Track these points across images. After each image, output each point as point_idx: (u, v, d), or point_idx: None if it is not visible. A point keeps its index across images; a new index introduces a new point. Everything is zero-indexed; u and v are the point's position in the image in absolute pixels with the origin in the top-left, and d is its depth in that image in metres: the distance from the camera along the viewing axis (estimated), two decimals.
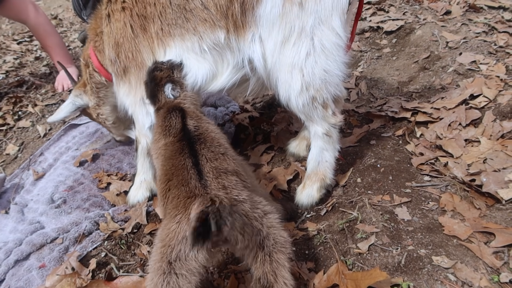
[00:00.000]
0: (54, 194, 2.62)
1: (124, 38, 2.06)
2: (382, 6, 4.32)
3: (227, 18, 1.86)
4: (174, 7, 1.91)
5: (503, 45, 3.11)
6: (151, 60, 2.05)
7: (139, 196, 2.43)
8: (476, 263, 1.67)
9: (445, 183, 2.13)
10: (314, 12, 1.76)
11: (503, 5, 3.68)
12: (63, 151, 3.18)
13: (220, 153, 1.57)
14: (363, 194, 2.16)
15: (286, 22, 1.79)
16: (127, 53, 2.08)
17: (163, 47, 2.01)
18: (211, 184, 1.36)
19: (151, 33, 2.00)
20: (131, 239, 2.18)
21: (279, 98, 1.99)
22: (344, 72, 1.94)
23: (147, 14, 1.97)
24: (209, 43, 1.93)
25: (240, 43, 1.92)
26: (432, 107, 2.71)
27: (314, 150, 2.12)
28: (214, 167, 1.46)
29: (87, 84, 2.53)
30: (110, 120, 2.72)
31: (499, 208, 1.92)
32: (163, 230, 1.37)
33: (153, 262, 1.32)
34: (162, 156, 1.60)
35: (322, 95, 1.91)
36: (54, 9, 7.91)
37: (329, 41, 1.82)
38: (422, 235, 1.84)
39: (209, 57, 1.99)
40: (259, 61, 1.91)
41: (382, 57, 3.66)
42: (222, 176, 1.40)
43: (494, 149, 2.26)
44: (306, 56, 1.82)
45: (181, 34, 1.95)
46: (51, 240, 2.20)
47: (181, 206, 1.32)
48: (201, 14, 1.89)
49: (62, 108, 2.65)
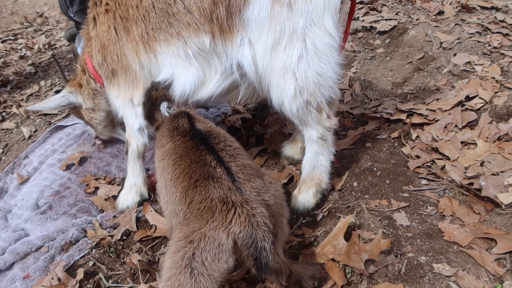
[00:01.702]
0: (39, 199, 2.51)
1: (109, 40, 2.02)
2: (375, 5, 4.29)
3: (212, 22, 1.80)
4: (158, 10, 1.85)
5: (497, 46, 3.09)
6: (137, 63, 2.01)
7: (128, 201, 2.35)
8: (478, 270, 1.63)
9: (443, 187, 2.09)
10: (304, 12, 1.70)
11: (495, 5, 3.67)
12: (49, 154, 3.07)
13: (237, 148, 1.58)
14: (360, 198, 2.11)
15: (276, 24, 1.72)
16: (112, 55, 2.05)
17: (153, 52, 1.96)
18: (245, 188, 1.38)
19: (134, 35, 1.94)
20: (121, 246, 2.10)
21: (272, 103, 1.93)
22: (338, 74, 1.88)
23: (129, 17, 1.92)
24: (194, 48, 1.87)
25: (227, 47, 1.86)
26: (428, 109, 2.68)
27: (309, 155, 2.06)
28: (241, 166, 1.47)
29: (85, 88, 2.48)
30: (103, 124, 2.69)
31: (498, 213, 1.88)
32: (187, 226, 1.34)
33: (175, 259, 1.30)
34: (174, 156, 1.56)
35: (316, 99, 1.86)
36: (40, 6, 7.73)
37: (322, 42, 1.76)
38: (422, 242, 1.79)
39: (195, 63, 1.92)
40: (249, 66, 1.84)
41: (375, 58, 3.62)
42: (252, 179, 1.43)
43: (491, 152, 2.23)
44: (298, 59, 1.76)
45: (166, 39, 1.90)
46: (36, 249, 2.10)
47: (218, 213, 1.30)
48: (184, 18, 1.83)
49: (53, 99, 2.54)
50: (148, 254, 2.01)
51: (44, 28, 6.50)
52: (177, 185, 1.47)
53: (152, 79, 2.04)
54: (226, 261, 1.29)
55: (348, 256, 1.73)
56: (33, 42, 5.82)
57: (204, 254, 1.27)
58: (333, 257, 1.76)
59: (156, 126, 1.84)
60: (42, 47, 5.56)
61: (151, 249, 2.06)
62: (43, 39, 5.90)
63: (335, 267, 1.72)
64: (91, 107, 2.54)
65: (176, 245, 1.32)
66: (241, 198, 1.34)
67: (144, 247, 2.06)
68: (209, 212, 1.32)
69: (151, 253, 2.02)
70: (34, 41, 5.83)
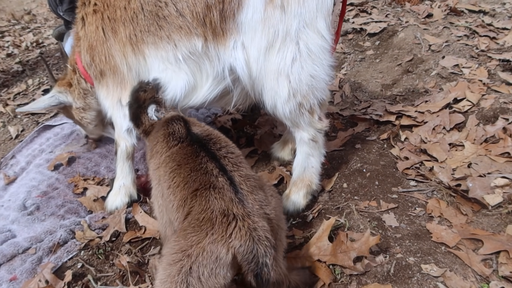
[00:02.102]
0: (27, 200, 2.48)
1: (97, 41, 2.01)
2: (365, 8, 4.32)
3: (205, 26, 1.79)
4: (146, 13, 1.84)
5: (484, 49, 3.14)
6: (124, 64, 1.99)
7: (117, 202, 2.33)
8: (465, 271, 1.65)
9: (431, 188, 2.12)
10: (298, 15, 1.70)
11: (483, 9, 3.73)
12: (37, 154, 3.03)
13: (239, 155, 1.54)
14: (350, 200, 2.12)
15: (269, 27, 1.72)
16: (100, 56, 2.04)
17: (141, 54, 1.94)
18: (248, 201, 1.35)
19: (122, 36, 1.93)
20: (110, 248, 2.08)
21: (265, 106, 1.93)
22: (330, 76, 1.89)
23: (117, 18, 1.91)
24: (184, 52, 1.86)
25: (220, 51, 1.85)
26: (416, 111, 2.71)
27: (300, 156, 2.07)
28: (244, 176, 1.43)
29: (75, 88, 2.45)
30: (93, 123, 2.66)
31: (485, 214, 1.91)
32: (185, 239, 1.29)
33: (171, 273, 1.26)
34: (171, 164, 1.51)
35: (309, 101, 1.86)
36: (28, 4, 7.62)
37: (315, 44, 1.77)
38: (410, 243, 1.81)
39: (185, 68, 1.91)
40: (242, 69, 1.83)
41: (365, 59, 3.65)
42: (254, 191, 1.39)
43: (478, 154, 2.26)
44: (292, 62, 1.77)
45: (155, 42, 1.88)
46: (23, 250, 2.06)
47: (217, 225, 1.26)
48: (176, 22, 1.81)
49: (43, 100, 2.50)
50: (138, 256, 1.99)
51: (32, 26, 6.41)
52: (176, 194, 1.42)
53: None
54: (224, 276, 1.26)
55: (335, 256, 1.75)
56: (20, 40, 5.74)
57: (201, 269, 1.23)
58: (319, 258, 1.77)
59: (143, 130, 1.78)
60: (30, 45, 5.48)
61: (141, 250, 2.04)
62: (30, 37, 5.82)
63: (321, 267, 1.74)
64: (82, 106, 2.51)
65: (172, 257, 1.28)
66: (243, 211, 1.30)
67: (134, 249, 2.04)
68: (209, 224, 1.28)
69: (140, 255, 2.00)
70: (22, 39, 5.75)
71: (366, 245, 1.73)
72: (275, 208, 1.45)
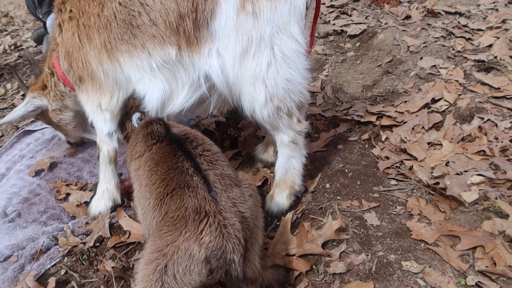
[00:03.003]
0: (7, 207, 2.44)
1: (73, 47, 2.03)
2: (345, 9, 4.39)
3: (178, 35, 1.81)
4: (119, 21, 1.85)
5: (460, 50, 3.23)
6: (101, 70, 2.00)
7: (101, 207, 2.31)
8: (443, 266, 1.70)
9: (411, 187, 2.17)
10: (270, 21, 1.74)
11: (459, 10, 3.83)
12: (17, 160, 2.98)
13: (215, 152, 1.55)
14: (332, 200, 2.16)
15: (242, 33, 1.75)
16: (77, 62, 2.05)
17: (117, 62, 1.95)
18: (221, 198, 1.36)
19: (96, 43, 1.94)
20: (94, 253, 2.06)
21: (244, 110, 1.96)
22: (307, 79, 1.93)
23: (91, 24, 1.92)
24: (158, 60, 1.88)
25: (194, 59, 1.87)
26: (396, 111, 2.77)
27: (281, 158, 2.10)
28: (219, 175, 1.44)
29: (51, 90, 2.43)
30: (72, 124, 2.64)
31: (462, 211, 1.97)
32: (161, 239, 1.31)
33: (147, 272, 1.28)
34: (150, 162, 1.54)
35: (287, 104, 1.90)
36: (5, 6, 7.46)
37: (290, 49, 1.80)
38: (391, 240, 1.86)
39: (160, 76, 1.93)
40: (217, 76, 1.86)
41: (346, 61, 3.71)
42: (229, 189, 1.41)
43: (455, 152, 2.33)
44: (267, 67, 1.80)
45: (129, 50, 1.90)
46: (4, 259, 2.03)
47: (190, 223, 1.28)
48: (149, 31, 1.83)
49: (18, 109, 2.48)
50: (122, 261, 1.99)
51: (9, 28, 6.29)
52: (152, 192, 1.45)
53: (118, 88, 2.04)
54: (199, 273, 1.27)
55: (302, 247, 1.82)
56: None
57: (176, 267, 1.25)
58: (287, 253, 1.83)
59: (125, 135, 1.81)
60: (8, 48, 5.38)
61: (125, 255, 2.04)
62: (8, 39, 5.70)
63: (293, 259, 1.80)
64: (58, 107, 2.50)
65: (148, 257, 1.30)
66: (215, 208, 1.32)
67: (118, 254, 2.03)
68: (183, 222, 1.30)
69: (125, 260, 2.00)
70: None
71: (331, 229, 1.84)
72: (252, 208, 1.47)
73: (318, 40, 4.04)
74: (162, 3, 1.77)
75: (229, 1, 1.72)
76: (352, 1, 4.59)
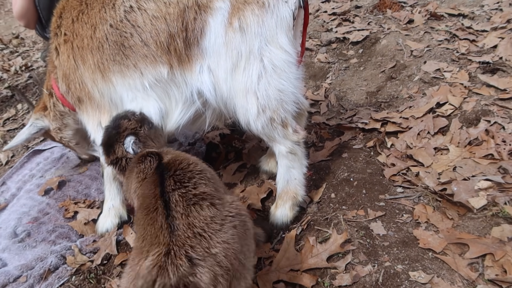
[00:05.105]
0: (17, 227, 2.48)
1: (69, 69, 2.08)
2: (347, 16, 4.38)
3: (170, 54, 1.85)
4: (111, 43, 1.90)
5: (464, 52, 3.19)
6: (96, 91, 2.04)
7: (108, 224, 2.33)
8: (452, 276, 1.67)
9: (418, 194, 2.14)
10: (258, 34, 1.77)
11: (462, 12, 3.80)
12: (27, 179, 3.03)
13: (192, 171, 1.44)
14: (338, 210, 2.14)
15: (232, 49, 1.79)
16: (75, 84, 2.10)
17: (110, 82, 1.98)
18: (180, 227, 1.24)
19: (90, 64, 1.98)
20: (101, 271, 2.08)
21: (240, 123, 1.97)
22: (299, 88, 1.94)
23: (84, 46, 1.97)
24: (150, 79, 1.91)
25: (186, 76, 1.90)
26: (401, 117, 2.74)
27: (281, 169, 2.10)
28: (184, 196, 1.32)
29: (50, 110, 2.49)
30: (74, 141, 2.71)
31: (471, 217, 1.93)
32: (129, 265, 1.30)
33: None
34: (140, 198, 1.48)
35: (280, 115, 1.91)
36: (16, 27, 7.65)
37: (279, 59, 1.82)
38: (398, 250, 1.83)
39: (153, 94, 1.96)
40: (209, 92, 1.89)
41: (349, 68, 3.69)
42: (193, 213, 1.27)
43: (462, 157, 2.30)
44: (258, 79, 1.82)
45: (121, 71, 1.93)
46: (14, 279, 2.06)
47: (145, 250, 1.22)
48: (141, 51, 1.87)
49: (23, 132, 2.58)
50: None
51: (20, 50, 6.43)
52: (139, 225, 1.39)
53: (115, 107, 2.06)
54: None
55: (307, 262, 1.81)
56: (9, 64, 5.75)
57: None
58: (291, 268, 1.81)
59: (112, 160, 1.69)
60: (19, 69, 5.50)
61: None
62: (19, 60, 5.83)
63: (297, 274, 1.78)
64: (58, 126, 2.56)
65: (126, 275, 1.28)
66: (169, 239, 1.21)
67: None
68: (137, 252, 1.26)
69: None
70: (11, 63, 5.76)
71: (336, 243, 1.83)
72: (232, 239, 1.28)
73: (321, 48, 4.04)
74: (153, 24, 1.82)
75: (217, 19, 1.77)
76: (354, 8, 4.59)
